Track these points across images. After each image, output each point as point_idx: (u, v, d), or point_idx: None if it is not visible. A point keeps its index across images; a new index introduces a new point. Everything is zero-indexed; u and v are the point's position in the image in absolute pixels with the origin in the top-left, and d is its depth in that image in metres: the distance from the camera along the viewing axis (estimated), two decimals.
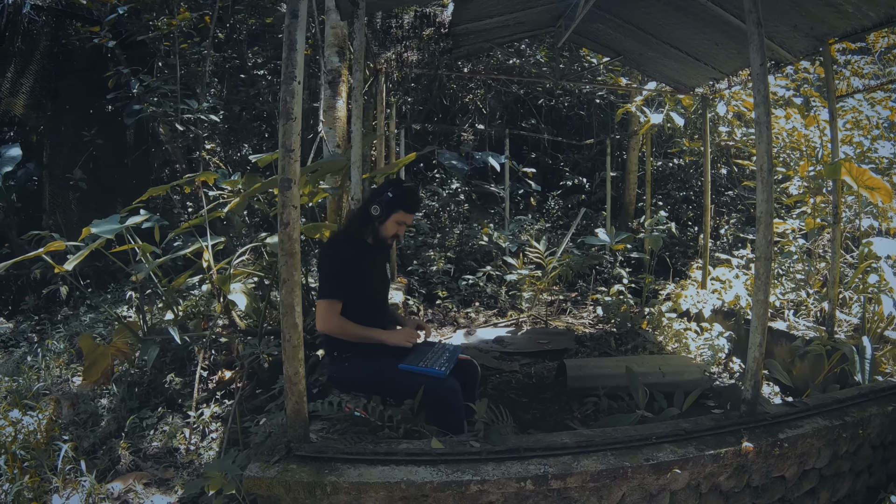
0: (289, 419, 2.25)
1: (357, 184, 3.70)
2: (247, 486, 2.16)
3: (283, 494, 2.14)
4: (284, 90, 2.15)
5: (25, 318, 5.26)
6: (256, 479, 2.14)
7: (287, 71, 2.14)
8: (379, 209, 2.97)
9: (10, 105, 5.64)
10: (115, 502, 3.20)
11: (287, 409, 2.24)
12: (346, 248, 3.02)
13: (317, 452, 2.24)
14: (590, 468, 2.26)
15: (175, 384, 3.99)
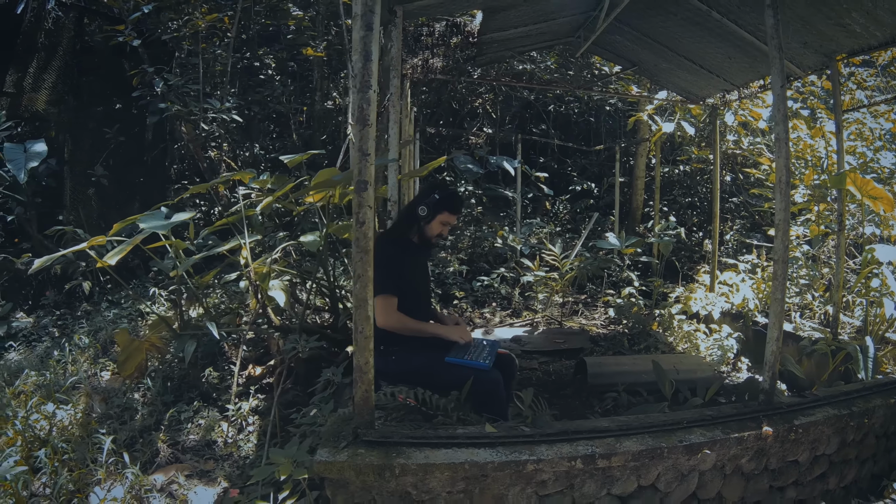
0: (357, 406, 2.52)
1: (394, 186, 4.00)
2: (317, 469, 2.38)
3: (352, 477, 2.38)
4: (361, 98, 2.42)
5: (46, 312, 5.46)
6: (327, 463, 2.37)
7: (363, 80, 2.42)
8: (426, 210, 3.28)
9: (32, 100, 5.84)
10: (158, 493, 3.43)
11: (356, 397, 2.51)
12: (392, 247, 3.33)
13: (383, 437, 2.50)
14: (631, 448, 2.58)
15: (212, 378, 4.24)
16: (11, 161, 4.98)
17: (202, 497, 3.44)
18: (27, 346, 5.16)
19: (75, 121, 6.11)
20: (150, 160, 6.55)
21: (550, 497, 2.57)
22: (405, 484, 2.41)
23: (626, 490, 2.67)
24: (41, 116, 5.86)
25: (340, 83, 7.92)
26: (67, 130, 6.06)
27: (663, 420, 2.85)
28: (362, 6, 2.44)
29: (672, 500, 2.77)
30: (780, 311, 3.08)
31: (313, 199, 4.38)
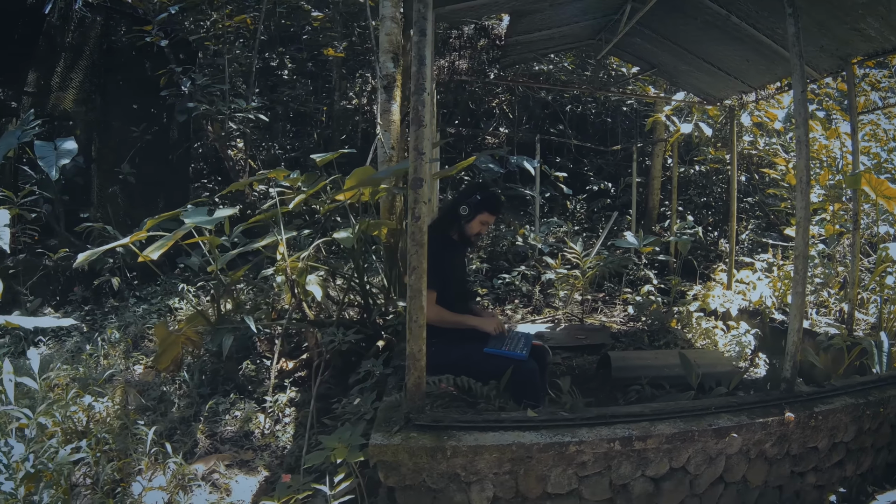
0: (409, 392, 2.74)
1: (428, 185, 4.23)
2: (372, 452, 2.57)
3: (405, 459, 2.59)
4: (416, 100, 2.65)
5: (74, 308, 5.69)
6: (381, 447, 2.57)
7: (417, 83, 2.65)
8: (468, 209, 3.53)
9: (59, 99, 6.07)
10: (200, 482, 3.62)
11: (408, 384, 2.74)
12: (435, 244, 3.57)
13: (434, 421, 2.71)
14: (665, 431, 2.81)
15: (249, 370, 4.46)
16: (42, 158, 5.21)
17: (243, 485, 3.66)
18: (56, 340, 5.37)
19: (102, 119, 6.34)
20: (175, 159, 6.78)
21: (589, 478, 2.80)
22: (455, 465, 2.63)
23: (659, 472, 2.90)
24: (68, 115, 6.09)
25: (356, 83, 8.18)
26: (94, 129, 6.30)
27: (693, 406, 3.09)
28: (416, 13, 2.67)
29: (701, 483, 3.00)
30: (801, 304, 3.31)
31: (343, 197, 4.61)
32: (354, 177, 4.18)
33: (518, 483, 2.71)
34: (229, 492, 3.60)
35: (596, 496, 2.81)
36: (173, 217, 4.37)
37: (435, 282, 3.50)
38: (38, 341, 5.28)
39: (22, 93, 6.36)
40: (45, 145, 5.25)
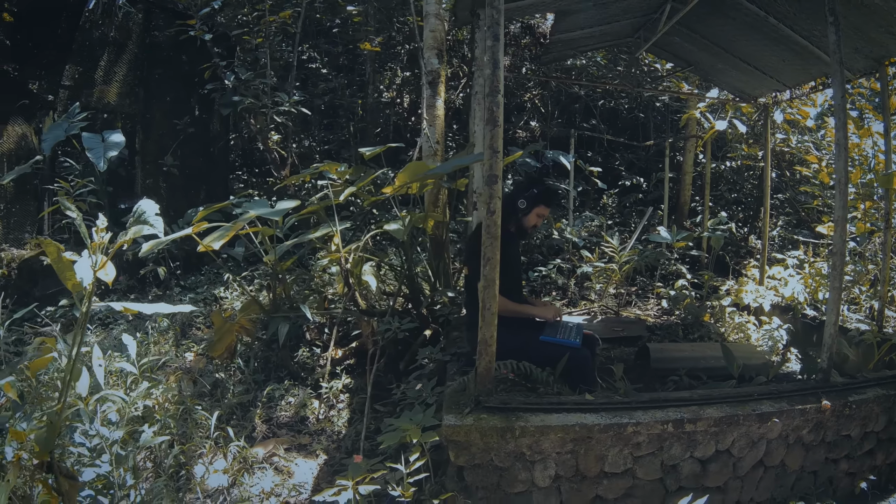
0: (480, 376, 3.10)
1: (479, 178, 4.61)
2: (445, 433, 2.92)
3: (476, 439, 2.93)
4: (491, 101, 2.99)
5: (119, 297, 6.07)
6: (455, 427, 2.91)
7: (492, 85, 3.00)
8: (525, 202, 3.87)
9: (103, 92, 6.43)
10: (264, 465, 3.94)
11: (479, 368, 3.10)
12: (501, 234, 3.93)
13: (502, 404, 3.07)
14: (713, 415, 3.17)
15: (303, 358, 4.84)
16: (91, 150, 5.56)
17: (303, 468, 4.01)
18: (103, 328, 5.76)
19: (144, 112, 6.71)
20: (216, 151, 7.15)
21: (643, 458, 3.17)
22: (521, 445, 2.97)
23: (706, 454, 3.26)
24: (112, 108, 6.46)
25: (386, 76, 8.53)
26: (138, 121, 6.67)
27: (738, 392, 3.46)
28: (489, 19, 3.01)
29: (743, 465, 3.36)
30: (838, 299, 3.67)
31: (390, 190, 4.96)
32: (408, 171, 4.50)
33: (578, 462, 3.08)
34: (291, 474, 3.94)
35: (648, 475, 3.18)
36: (221, 208, 4.73)
37: None
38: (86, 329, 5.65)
39: (59, 86, 6.73)
40: (93, 137, 5.60)
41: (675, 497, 3.25)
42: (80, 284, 2.33)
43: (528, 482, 3.05)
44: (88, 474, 2.84)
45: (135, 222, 2.49)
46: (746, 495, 3.40)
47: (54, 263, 2.31)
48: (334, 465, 4.01)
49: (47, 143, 5.54)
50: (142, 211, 2.52)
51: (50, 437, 2.35)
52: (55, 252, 2.27)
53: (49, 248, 2.28)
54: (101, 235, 2.41)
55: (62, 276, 2.34)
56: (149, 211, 2.50)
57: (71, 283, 2.34)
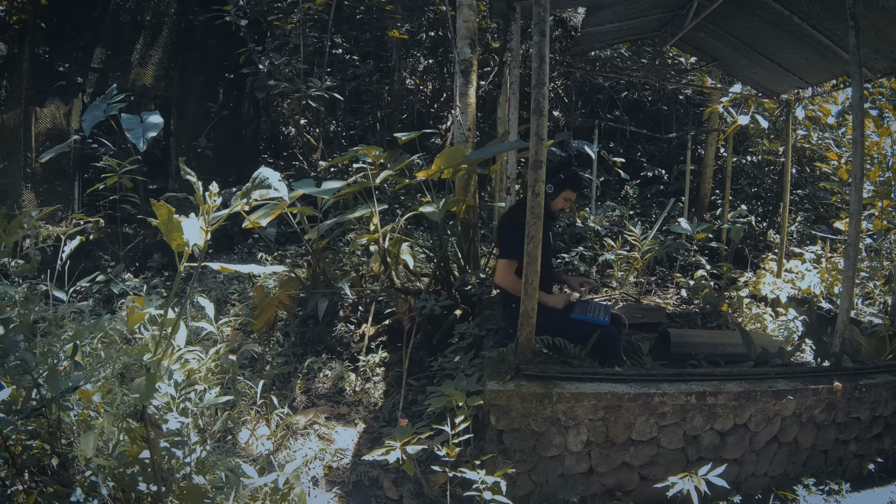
0: (520, 346, 3.48)
1: (513, 164, 5.01)
2: (488, 397, 3.29)
3: (517, 404, 3.31)
4: (537, 92, 3.33)
5: (154, 274, 6.48)
6: (497, 392, 3.29)
7: (539, 78, 3.34)
8: (553, 187, 4.24)
9: (139, 75, 6.82)
10: (303, 431, 4.32)
11: (520, 338, 3.47)
12: (522, 218, 4.32)
13: (540, 372, 3.45)
14: (733, 389, 3.55)
15: (340, 333, 5.25)
16: (130, 130, 5.95)
17: (343, 436, 4.41)
18: None
19: (180, 95, 7.10)
20: (248, 134, 7.54)
21: (667, 427, 3.56)
22: (557, 411, 3.36)
23: (725, 426, 3.64)
24: (147, 90, 6.85)
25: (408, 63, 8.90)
26: (172, 104, 7.06)
27: (756, 371, 3.87)
28: (536, 16, 3.37)
29: (759, 439, 3.74)
30: (851, 287, 4.04)
31: (423, 174, 5.32)
32: (444, 156, 4.85)
33: (608, 429, 3.46)
34: (332, 441, 4.34)
35: (671, 444, 3.57)
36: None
37: (516, 252, 4.22)
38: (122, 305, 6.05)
39: (88, 69, 7.13)
40: (132, 118, 6.00)
41: (695, 466, 3.63)
42: (185, 244, 2.57)
43: (562, 447, 3.43)
44: (172, 424, 3.10)
45: (256, 187, 2.71)
46: (761, 469, 3.78)
47: (163, 224, 2.55)
48: (373, 433, 4.40)
49: (87, 124, 5.93)
50: (264, 177, 2.73)
51: (150, 387, 2.60)
52: (166, 213, 2.52)
53: (161, 209, 2.52)
54: (213, 199, 2.67)
55: (168, 236, 2.59)
56: (271, 177, 2.72)
57: (176, 243, 2.60)
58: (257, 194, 2.72)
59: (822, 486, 3.76)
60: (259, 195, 2.71)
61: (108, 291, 6.04)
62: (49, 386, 2.76)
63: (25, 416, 2.76)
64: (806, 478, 3.80)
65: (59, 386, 2.76)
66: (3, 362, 2.78)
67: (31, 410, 2.79)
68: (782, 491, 3.73)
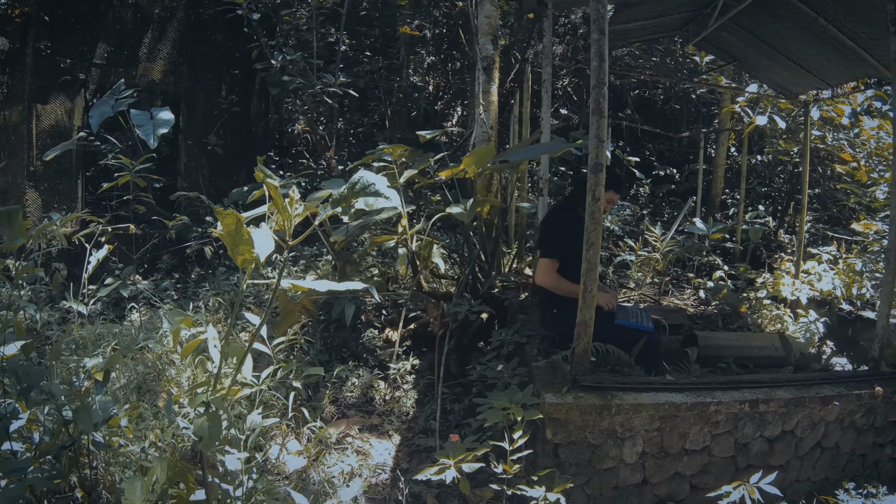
0: (577, 356, 3.44)
1: (546, 164, 4.99)
2: (546, 410, 3.25)
3: (576, 417, 3.29)
4: (597, 93, 3.31)
5: (163, 276, 6.35)
6: (556, 405, 3.26)
7: (598, 78, 3.30)
8: None
9: (147, 70, 6.64)
10: (336, 445, 4.18)
11: (577, 348, 3.44)
12: (570, 218, 4.29)
13: (597, 383, 3.43)
14: (783, 396, 3.58)
15: (369, 339, 5.18)
16: (140, 127, 5.78)
17: (379, 449, 4.29)
18: (149, 308, 6.03)
19: (189, 90, 6.94)
20: (259, 131, 7.40)
21: (720, 436, 3.58)
22: (615, 423, 3.35)
23: (773, 433, 3.68)
24: (156, 86, 6.68)
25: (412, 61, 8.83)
26: (182, 100, 6.90)
27: (803, 377, 3.92)
28: (594, 12, 3.33)
29: (804, 445, 3.79)
30: (890, 293, 4.09)
31: (445, 174, 5.26)
32: (475, 156, 4.78)
33: (663, 439, 3.48)
34: (367, 455, 4.21)
35: (722, 453, 3.60)
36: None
37: (559, 252, 4.20)
38: (132, 308, 5.92)
39: (91, 65, 6.94)
40: (142, 114, 5.83)
41: (743, 473, 3.67)
42: (254, 259, 2.28)
43: (617, 458, 3.44)
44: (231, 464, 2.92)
45: (359, 194, 2.40)
46: (805, 474, 3.84)
47: (227, 236, 2.25)
48: (410, 447, 4.31)
49: (94, 120, 5.75)
50: (367, 181, 2.41)
51: (215, 430, 2.35)
52: (233, 223, 2.22)
53: (227, 219, 2.23)
54: (294, 207, 2.41)
55: (234, 249, 2.28)
56: (378, 182, 2.40)
57: (242, 258, 2.30)
58: (362, 203, 2.39)
59: (860, 489, 3.81)
60: (365, 204, 2.39)
61: (116, 294, 5.89)
62: (79, 420, 2.59)
63: (55, 455, 2.58)
64: (846, 482, 3.85)
65: (90, 419, 2.58)
66: (29, 392, 2.57)
67: (58, 449, 2.60)
68: (823, 496, 3.76)
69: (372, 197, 2.39)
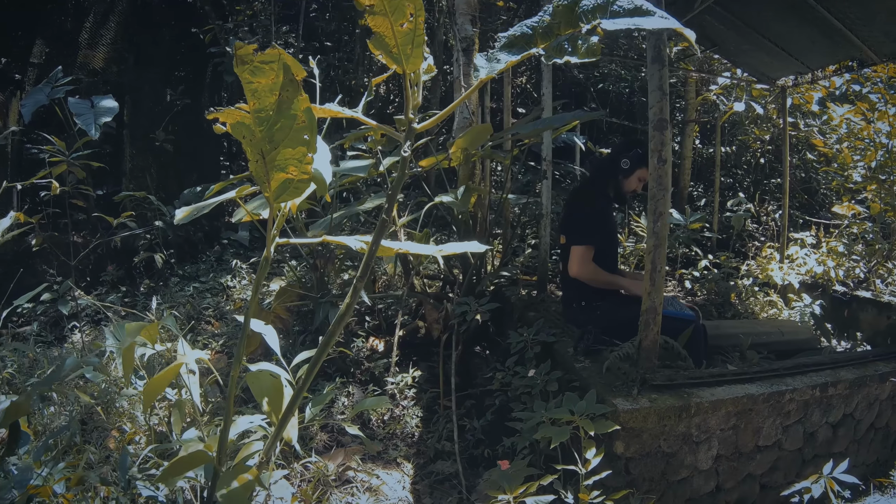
0: (645, 351, 2.94)
1: (548, 145, 4.48)
2: (622, 419, 2.69)
3: (652, 423, 2.76)
4: (656, 39, 2.90)
5: (109, 290, 5.40)
6: (631, 412, 2.71)
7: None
8: (629, 163, 3.75)
9: (87, 57, 5.68)
10: (336, 482, 3.35)
11: (645, 341, 2.92)
12: (602, 200, 3.78)
13: (669, 380, 2.95)
14: (847, 377, 3.23)
15: (360, 350, 4.46)
16: (80, 116, 4.91)
17: (390, 482, 3.50)
18: (93, 326, 5.11)
19: (135, 81, 6.00)
20: (209, 127, 6.46)
21: (790, 427, 3.18)
22: (691, 425, 2.87)
23: (836, 418, 3.34)
24: (97, 75, 5.73)
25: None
26: (127, 91, 5.95)
27: (859, 354, 3.63)
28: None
29: (861, 427, 3.48)
30: None
31: (426, 163, 4.69)
32: (470, 136, 4.18)
33: (738, 438, 3.04)
34: (377, 491, 3.41)
35: (792, 445, 3.22)
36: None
37: (595, 238, 3.69)
38: (73, 327, 4.99)
39: (28, 64, 5.96)
40: (81, 103, 4.98)
41: (808, 467, 3.29)
42: (311, 178, 1.41)
43: (692, 466, 2.97)
44: None
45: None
46: (861, 458, 3.52)
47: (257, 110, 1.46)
48: (427, 476, 3.61)
49: (27, 110, 4.88)
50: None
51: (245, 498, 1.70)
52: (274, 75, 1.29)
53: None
54: None
55: (263, 141, 1.37)
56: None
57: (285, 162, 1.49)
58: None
59: None
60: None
61: (55, 312, 4.95)
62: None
63: None
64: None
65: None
66: None
67: None
68: (878, 478, 3.44)
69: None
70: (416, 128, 1.37)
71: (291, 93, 1.25)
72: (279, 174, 1.37)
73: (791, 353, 4.41)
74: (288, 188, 1.38)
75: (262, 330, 2.36)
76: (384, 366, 4.41)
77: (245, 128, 1.29)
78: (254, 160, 1.32)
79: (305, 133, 1.28)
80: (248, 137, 1.30)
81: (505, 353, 3.89)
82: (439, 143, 7.25)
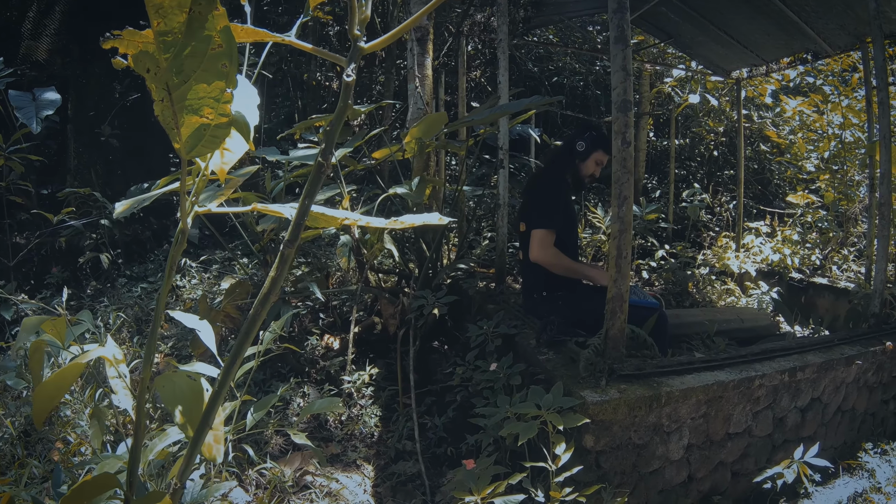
0: (611, 340, 2.72)
1: (505, 134, 4.25)
2: (592, 412, 2.48)
3: (622, 415, 2.55)
4: (620, 18, 2.65)
5: (53, 292, 4.97)
6: (600, 404, 2.49)
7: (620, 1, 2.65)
8: (584, 145, 3.55)
9: (31, 49, 5.21)
10: (293, 488, 3.06)
11: (611, 330, 2.70)
12: (561, 183, 3.56)
13: (637, 370, 2.75)
14: (815, 361, 3.10)
15: (315, 349, 4.15)
16: (20, 109, 4.55)
17: (350, 486, 3.26)
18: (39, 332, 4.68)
19: (80, 74, 5.55)
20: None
21: (760, 413, 3.02)
22: (662, 415, 2.68)
23: (804, 402, 3.20)
24: (41, 66, 5.27)
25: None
26: (71, 84, 5.49)
27: (823, 339, 3.49)
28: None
29: (829, 411, 3.35)
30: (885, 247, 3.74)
31: (379, 155, 4.43)
32: (424, 124, 3.93)
33: (709, 426, 2.87)
34: (340, 497, 3.14)
35: (762, 431, 3.06)
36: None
37: (555, 220, 3.46)
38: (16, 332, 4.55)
39: None
40: (22, 95, 4.61)
41: (779, 452, 3.15)
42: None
43: (663, 457, 2.78)
44: None
45: None
46: (829, 441, 3.41)
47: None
48: (388, 478, 3.35)
49: None
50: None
51: None
52: None
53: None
54: None
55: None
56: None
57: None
58: None
59: (875, 448, 3.44)
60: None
61: None
62: None
63: None
64: (864, 443, 3.47)
65: None
66: None
67: None
68: (846, 460, 3.35)
69: None
70: (361, 46, 1.09)
71: (205, 7, 0.95)
72: (191, 117, 1.06)
73: (752, 339, 4.30)
74: (203, 136, 1.08)
75: (194, 325, 2.05)
76: (340, 364, 4.13)
77: (149, 57, 0.99)
78: (159, 99, 1.02)
79: (223, 60, 0.99)
80: (153, 70, 1.00)
81: (464, 347, 3.66)
82: (393, 137, 6.96)
